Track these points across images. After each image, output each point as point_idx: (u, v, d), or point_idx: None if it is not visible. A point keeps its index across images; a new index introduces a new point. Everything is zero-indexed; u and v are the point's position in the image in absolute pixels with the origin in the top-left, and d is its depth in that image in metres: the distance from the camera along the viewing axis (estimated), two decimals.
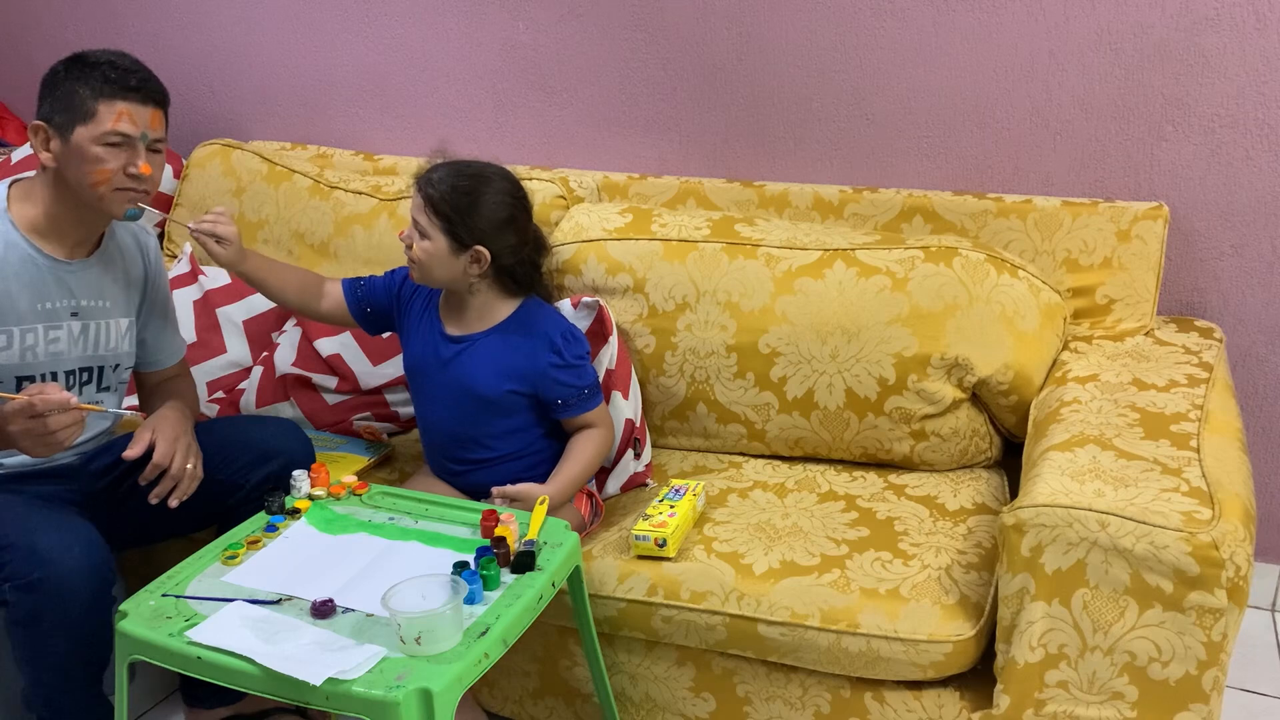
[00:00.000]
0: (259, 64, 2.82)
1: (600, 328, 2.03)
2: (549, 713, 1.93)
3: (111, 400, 1.85)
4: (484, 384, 1.82)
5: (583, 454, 1.83)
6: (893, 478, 2.00)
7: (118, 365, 1.84)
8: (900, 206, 2.18)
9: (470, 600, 1.43)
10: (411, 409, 2.24)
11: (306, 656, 1.33)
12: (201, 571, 1.55)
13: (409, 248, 1.78)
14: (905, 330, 1.92)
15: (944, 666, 1.59)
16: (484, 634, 1.38)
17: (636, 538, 1.75)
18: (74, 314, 1.75)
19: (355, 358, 2.27)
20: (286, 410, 2.26)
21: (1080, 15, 2.06)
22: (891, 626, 1.60)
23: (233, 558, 1.56)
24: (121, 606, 1.47)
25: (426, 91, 2.66)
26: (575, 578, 1.64)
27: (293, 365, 2.29)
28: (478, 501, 1.75)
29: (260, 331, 2.44)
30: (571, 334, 1.87)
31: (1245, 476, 1.56)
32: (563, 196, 2.28)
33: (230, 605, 1.45)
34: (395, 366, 2.24)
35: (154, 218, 2.72)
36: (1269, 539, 2.25)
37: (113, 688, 1.51)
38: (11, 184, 1.73)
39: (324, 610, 1.43)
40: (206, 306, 2.45)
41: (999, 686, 1.53)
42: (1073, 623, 1.46)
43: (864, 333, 1.94)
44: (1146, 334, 2.04)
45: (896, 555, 1.74)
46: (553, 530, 1.63)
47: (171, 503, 1.71)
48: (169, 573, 1.54)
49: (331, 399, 2.27)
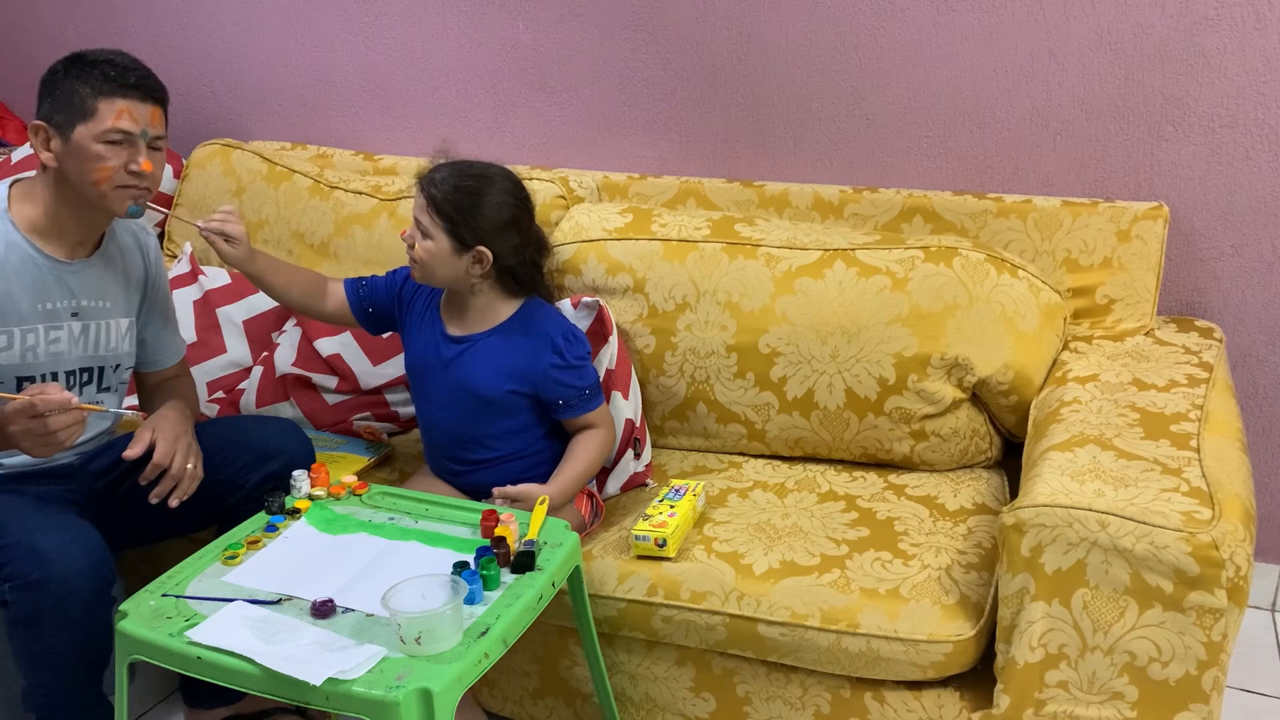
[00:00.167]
0: (259, 64, 2.82)
1: (600, 328, 2.03)
2: (549, 713, 1.93)
3: (112, 400, 1.85)
4: (485, 384, 1.82)
5: (584, 454, 1.84)
6: (893, 478, 2.00)
7: (118, 365, 1.84)
8: (900, 206, 2.18)
9: (470, 600, 1.43)
10: (411, 409, 2.24)
11: (306, 656, 1.33)
12: (201, 571, 1.55)
13: (411, 247, 1.78)
14: (905, 330, 1.92)
15: (944, 666, 1.59)
16: (484, 634, 1.38)
17: (636, 538, 1.75)
18: (74, 314, 1.75)
19: (355, 358, 2.27)
20: (286, 410, 2.26)
21: (1080, 15, 2.06)
22: (891, 626, 1.60)
23: (233, 558, 1.57)
24: (121, 606, 1.47)
25: (426, 91, 2.66)
26: (575, 578, 1.64)
27: (293, 365, 2.29)
28: (478, 502, 1.75)
29: (260, 331, 2.44)
30: (573, 334, 1.87)
31: (1245, 476, 1.56)
32: (563, 196, 2.28)
33: (230, 605, 1.45)
34: (395, 366, 2.24)
35: (160, 216, 2.72)
36: (1269, 539, 2.25)
37: (113, 688, 1.51)
38: (12, 184, 1.73)
39: (324, 610, 1.43)
40: (206, 306, 2.45)
41: (999, 686, 1.53)
42: (1073, 623, 1.46)
43: (864, 333, 1.95)
44: (1146, 334, 2.04)
45: (896, 555, 1.74)
46: (553, 530, 1.63)
47: (172, 502, 1.71)
48: (169, 573, 1.55)
49: (331, 399, 2.27)
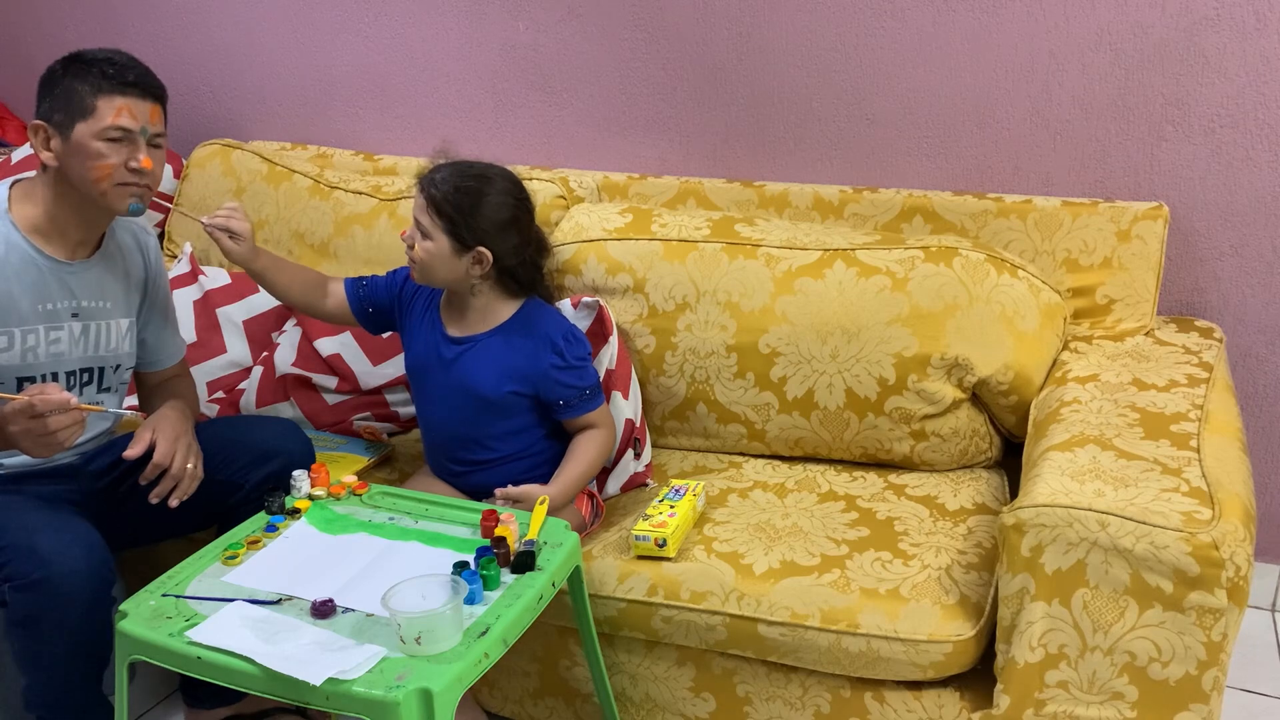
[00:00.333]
0: (259, 64, 2.82)
1: (600, 328, 2.03)
2: (549, 713, 1.93)
3: (112, 401, 1.85)
4: (485, 385, 1.82)
5: (584, 455, 1.84)
6: (893, 478, 2.00)
7: (118, 366, 1.84)
8: (900, 206, 2.18)
9: (470, 600, 1.43)
10: (411, 409, 2.24)
11: (306, 656, 1.33)
12: (201, 571, 1.55)
13: (411, 248, 1.78)
14: (905, 330, 1.92)
15: (944, 666, 1.59)
16: (484, 634, 1.38)
17: (636, 538, 1.75)
18: (75, 315, 1.75)
19: (355, 358, 2.27)
20: (286, 410, 2.26)
21: (1080, 15, 2.06)
22: (891, 626, 1.60)
23: (233, 558, 1.57)
24: (121, 606, 1.47)
25: (426, 91, 2.66)
26: (575, 578, 1.64)
27: (293, 365, 2.29)
28: (478, 502, 1.75)
29: (260, 331, 2.44)
30: (573, 335, 1.87)
31: (1245, 476, 1.56)
32: (563, 196, 2.28)
33: (230, 605, 1.45)
34: (395, 366, 2.24)
35: (160, 216, 2.72)
36: (1269, 539, 2.25)
37: (113, 688, 1.51)
38: (12, 184, 1.73)
39: (324, 610, 1.43)
40: (206, 306, 2.45)
41: (999, 686, 1.53)
42: (1073, 623, 1.46)
43: (864, 333, 1.94)
44: (1146, 334, 2.04)
45: (896, 555, 1.74)
46: (553, 530, 1.63)
47: (172, 502, 1.71)
48: (169, 573, 1.55)
49: (331, 399, 2.27)
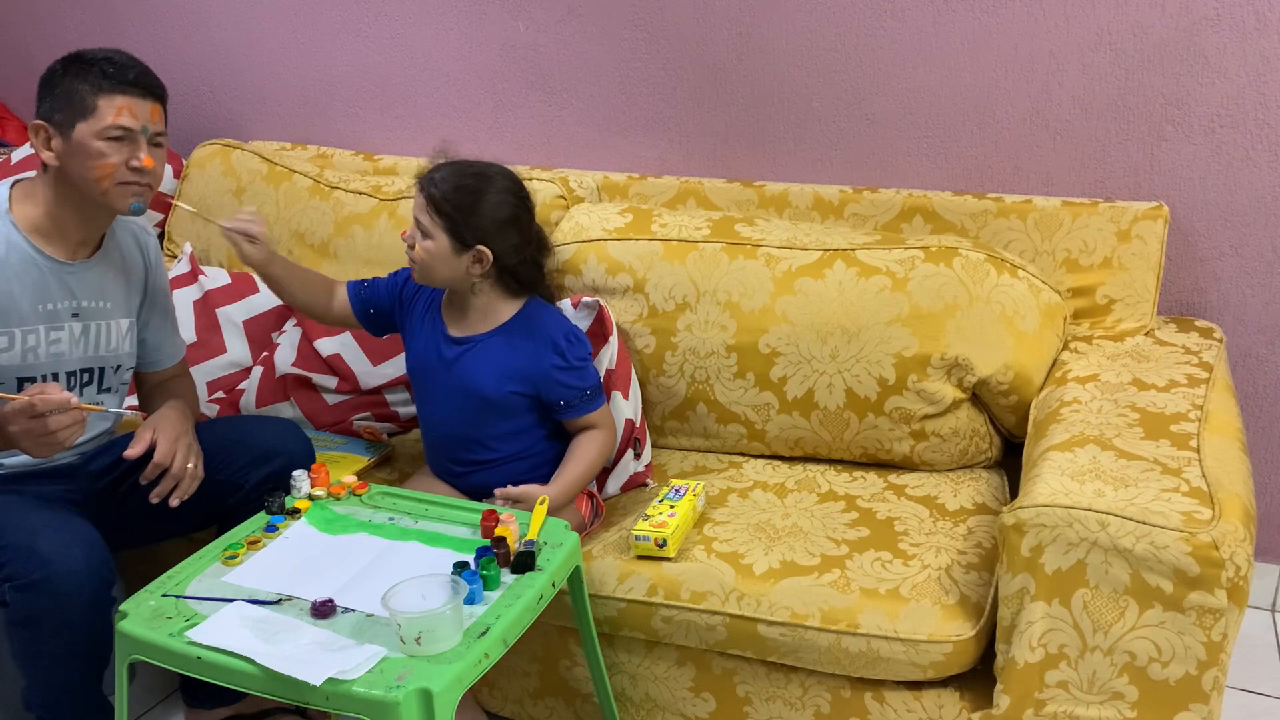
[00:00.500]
0: (259, 64, 2.82)
1: (600, 328, 2.03)
2: (549, 713, 1.93)
3: (112, 401, 1.85)
4: (487, 385, 1.82)
5: (585, 455, 1.84)
6: (893, 478, 2.00)
7: (119, 366, 1.84)
8: (900, 206, 2.18)
9: (470, 600, 1.43)
10: (411, 409, 2.24)
11: (306, 656, 1.33)
12: (201, 571, 1.55)
13: (411, 248, 1.78)
14: (905, 330, 1.92)
15: (944, 666, 1.59)
16: (484, 634, 1.38)
17: (636, 538, 1.75)
18: (75, 315, 1.75)
19: (355, 358, 2.27)
20: (286, 410, 2.26)
21: (1080, 15, 2.06)
22: (891, 626, 1.60)
23: (233, 558, 1.57)
24: (121, 606, 1.47)
25: (426, 91, 2.66)
26: (575, 578, 1.64)
27: (293, 365, 2.29)
28: (478, 502, 1.75)
29: (260, 331, 2.44)
30: (574, 335, 1.87)
31: (1245, 476, 1.56)
32: (563, 196, 2.28)
33: (230, 605, 1.45)
34: (395, 366, 2.24)
35: (161, 217, 2.72)
36: (1269, 539, 2.25)
37: (113, 688, 1.51)
38: (13, 185, 1.73)
39: (324, 610, 1.43)
40: (206, 306, 2.45)
41: (999, 686, 1.53)
42: (1073, 623, 1.46)
43: (864, 333, 1.94)
44: (1146, 334, 2.04)
45: (896, 555, 1.74)
46: (553, 530, 1.63)
47: (172, 502, 1.71)
48: (169, 573, 1.55)
49: (331, 399, 2.27)
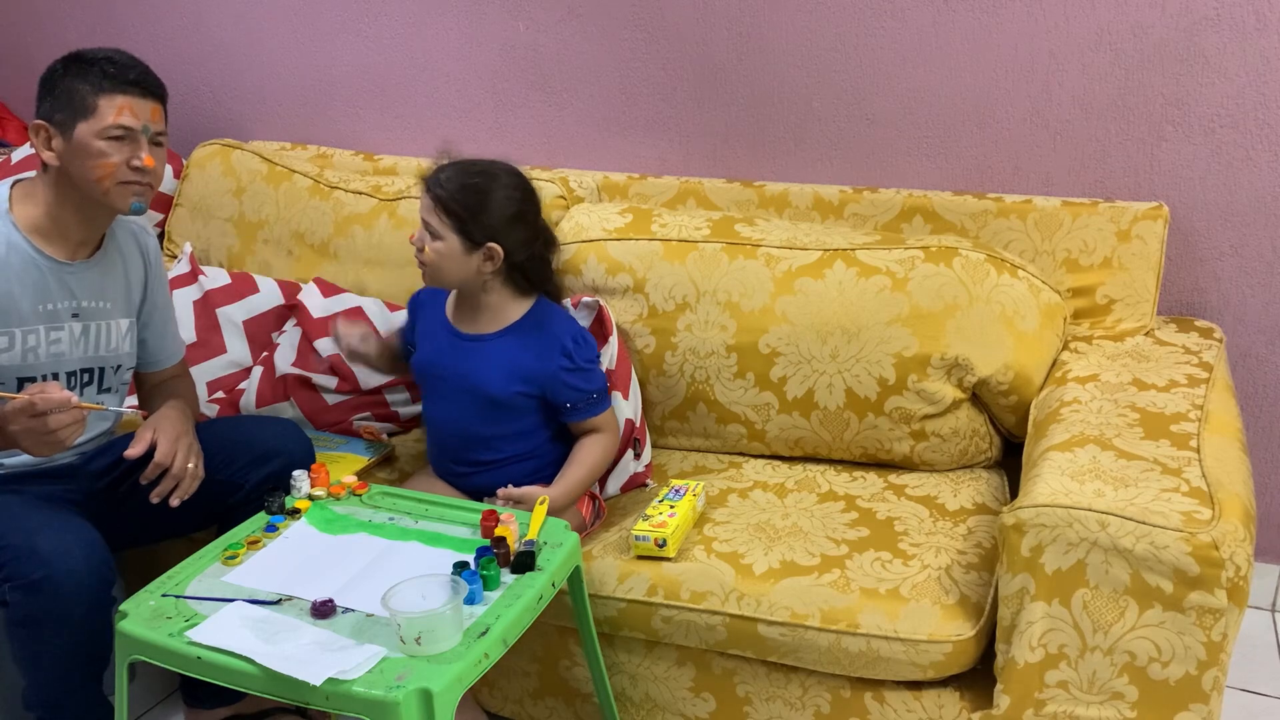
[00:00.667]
0: (259, 64, 2.82)
1: (600, 328, 2.03)
2: (549, 713, 1.93)
3: (113, 401, 1.84)
4: (494, 384, 1.82)
5: (588, 458, 1.84)
6: (893, 478, 2.00)
7: (119, 366, 1.84)
8: (900, 206, 2.18)
9: (470, 600, 1.43)
10: (411, 409, 2.24)
11: (306, 656, 1.33)
12: (201, 571, 1.55)
13: (420, 250, 1.78)
14: (905, 330, 1.92)
15: (944, 666, 1.59)
16: (484, 634, 1.38)
17: (636, 538, 1.75)
18: (75, 315, 1.75)
19: None
20: (286, 410, 2.26)
21: (1080, 15, 2.06)
22: (891, 626, 1.60)
23: (233, 558, 1.57)
24: (121, 606, 1.47)
25: (426, 91, 2.66)
26: (575, 578, 1.64)
27: (293, 365, 2.29)
28: (478, 502, 1.75)
29: (260, 331, 2.43)
30: (582, 337, 1.87)
31: (1245, 476, 1.56)
32: (563, 196, 2.28)
33: (230, 605, 1.45)
34: None
35: (161, 217, 2.72)
36: (1269, 539, 2.25)
37: (113, 688, 1.51)
38: (13, 185, 1.73)
39: (324, 610, 1.43)
40: (206, 306, 2.45)
41: (999, 686, 1.53)
42: (1073, 623, 1.46)
43: (864, 333, 1.94)
44: (1146, 334, 2.04)
45: (896, 555, 1.74)
46: (553, 530, 1.63)
47: (173, 502, 1.71)
48: (169, 573, 1.55)
49: (331, 399, 2.27)
